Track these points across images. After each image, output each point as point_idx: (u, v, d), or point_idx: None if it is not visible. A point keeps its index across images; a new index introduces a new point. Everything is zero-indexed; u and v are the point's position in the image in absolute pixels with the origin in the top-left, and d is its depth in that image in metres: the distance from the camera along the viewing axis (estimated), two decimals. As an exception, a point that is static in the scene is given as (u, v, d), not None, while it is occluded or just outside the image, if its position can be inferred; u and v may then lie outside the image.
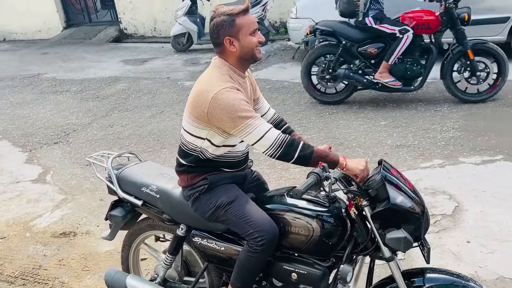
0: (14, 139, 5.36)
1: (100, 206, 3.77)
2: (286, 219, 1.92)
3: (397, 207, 1.72)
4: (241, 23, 1.85)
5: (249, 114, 1.81)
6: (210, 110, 1.80)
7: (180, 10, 8.47)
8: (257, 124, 1.81)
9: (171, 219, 2.20)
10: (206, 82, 1.88)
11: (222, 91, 1.80)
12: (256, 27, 1.89)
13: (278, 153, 1.82)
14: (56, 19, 11.79)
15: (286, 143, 1.82)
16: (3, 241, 3.44)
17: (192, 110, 1.89)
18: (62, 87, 7.24)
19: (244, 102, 1.82)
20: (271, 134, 1.82)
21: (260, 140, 1.82)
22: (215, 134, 1.90)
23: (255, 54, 1.90)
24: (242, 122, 1.79)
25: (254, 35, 1.88)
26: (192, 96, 1.90)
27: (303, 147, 1.83)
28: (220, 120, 1.82)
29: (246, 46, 1.87)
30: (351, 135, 4.53)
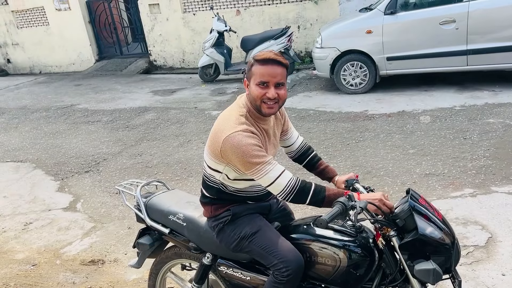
0: (47, 168, 5.53)
1: (128, 234, 3.82)
2: (312, 249, 1.91)
3: (426, 237, 1.69)
4: (254, 71, 1.85)
5: (260, 160, 1.79)
6: (222, 150, 1.83)
7: (207, 42, 8.69)
8: (268, 170, 1.80)
9: (197, 248, 2.21)
10: (223, 121, 1.88)
11: (234, 134, 1.79)
12: (267, 80, 1.82)
13: (290, 197, 1.82)
14: (89, 52, 12.28)
15: (298, 188, 1.81)
16: (34, 268, 3.52)
17: (209, 146, 1.92)
18: (93, 117, 7.47)
19: (256, 148, 1.80)
20: (282, 179, 1.81)
21: (272, 185, 1.82)
22: (231, 170, 1.91)
23: (259, 106, 1.86)
24: (253, 167, 1.80)
25: (262, 88, 1.83)
26: (211, 132, 1.93)
27: (315, 193, 1.82)
28: (231, 161, 1.85)
29: (251, 94, 1.87)
30: (379, 163, 4.48)
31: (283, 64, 1.85)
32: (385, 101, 6.41)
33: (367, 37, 6.61)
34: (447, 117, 5.51)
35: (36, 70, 13.22)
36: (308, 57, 9.47)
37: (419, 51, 6.41)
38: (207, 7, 10.13)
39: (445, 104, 5.98)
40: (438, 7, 6.31)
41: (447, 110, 5.75)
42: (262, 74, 1.82)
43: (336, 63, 6.92)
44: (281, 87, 1.86)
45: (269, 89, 1.83)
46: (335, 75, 7.00)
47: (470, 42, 6.10)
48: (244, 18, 9.93)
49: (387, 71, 6.73)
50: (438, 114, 5.63)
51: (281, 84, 1.86)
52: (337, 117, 6.02)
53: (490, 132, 4.90)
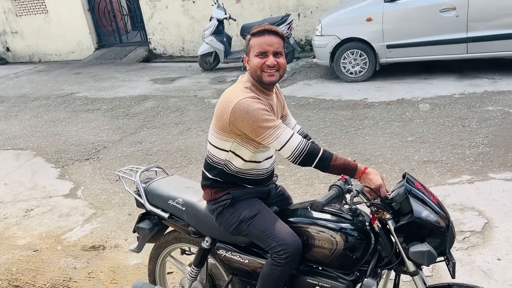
0: (47, 155, 5.56)
1: (128, 220, 3.85)
2: (310, 233, 1.94)
3: (421, 220, 1.71)
4: (251, 43, 1.91)
5: (269, 123, 1.83)
6: (232, 120, 1.85)
7: (207, 30, 8.66)
8: (279, 133, 1.84)
9: (196, 232, 2.24)
10: (228, 94, 1.93)
11: (242, 100, 1.84)
12: (265, 49, 1.88)
13: (299, 160, 1.86)
14: (89, 40, 12.23)
15: (307, 151, 1.85)
16: (36, 253, 3.56)
17: (216, 122, 1.94)
18: (93, 105, 7.48)
19: (265, 112, 1.85)
20: (293, 142, 1.86)
21: (283, 148, 1.85)
22: (239, 145, 1.94)
23: (260, 76, 1.91)
24: (264, 132, 1.82)
25: (261, 57, 1.88)
26: (216, 108, 1.96)
27: (323, 157, 1.86)
28: (242, 129, 1.86)
29: (251, 66, 1.91)
30: (377, 151, 4.51)
31: (278, 34, 1.92)
32: (385, 89, 6.41)
33: (367, 25, 6.59)
34: (446, 104, 5.52)
35: (35, 59, 13.18)
36: (308, 45, 9.44)
37: (419, 39, 6.39)
38: (207, -6, 10.07)
39: (444, 92, 5.98)
40: (439, -6, 6.28)
41: (446, 98, 5.75)
42: (260, 44, 1.88)
43: (336, 51, 6.91)
44: (280, 56, 1.92)
45: (268, 58, 1.88)
46: (335, 63, 6.99)
47: (470, 29, 6.09)
48: (244, 6, 9.88)
49: (387, 59, 6.72)
50: (438, 102, 5.64)
51: (279, 53, 1.91)
52: (336, 105, 6.03)
53: (488, 119, 4.91)
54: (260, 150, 1.98)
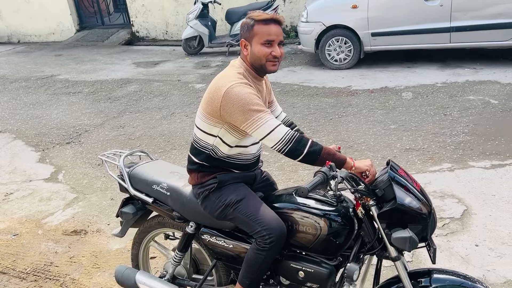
0: (27, 138, 5.45)
1: (111, 205, 3.82)
2: (294, 218, 1.95)
3: (404, 207, 1.74)
4: (257, 30, 1.88)
5: (260, 108, 1.83)
6: (223, 104, 1.84)
7: (191, 14, 8.54)
8: (267, 119, 1.83)
9: (180, 217, 2.23)
10: (220, 79, 1.92)
11: (234, 85, 1.83)
12: (273, 39, 1.87)
13: (287, 148, 1.82)
14: (70, 21, 11.95)
15: (295, 139, 1.82)
16: (16, 238, 3.51)
17: (206, 106, 1.93)
18: (74, 88, 7.34)
19: (255, 97, 1.85)
20: (281, 129, 1.84)
21: (270, 134, 1.82)
22: (226, 132, 1.94)
23: (265, 65, 1.91)
24: (252, 115, 1.81)
25: (268, 46, 1.88)
26: (206, 92, 1.95)
27: (312, 144, 1.84)
28: (231, 114, 1.84)
29: (255, 54, 1.90)
30: (360, 138, 4.55)
31: (281, 24, 1.94)
32: (369, 77, 6.45)
33: (353, 12, 6.59)
34: (429, 93, 5.59)
35: (14, 39, 12.82)
36: (293, 31, 9.40)
37: (404, 28, 6.43)
38: (192, -23, 9.91)
39: (427, 80, 6.05)
40: (424, -17, 6.31)
41: (429, 86, 5.82)
42: (268, 33, 1.88)
43: (321, 38, 6.90)
44: (281, 46, 1.94)
45: (274, 48, 1.89)
46: (320, 50, 6.99)
47: (453, 19, 6.14)
48: (229, -10, 9.74)
49: (371, 47, 6.75)
50: (420, 91, 5.70)
51: (281, 43, 1.94)
52: (321, 92, 6.05)
53: (469, 108, 4.99)
54: (246, 136, 1.97)
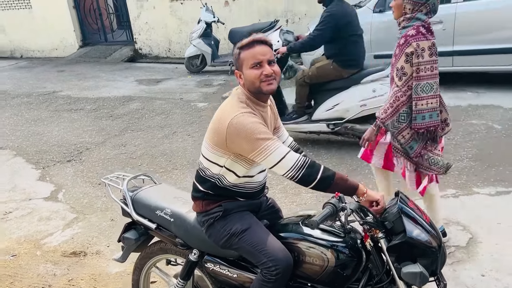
0: (28, 156, 5.42)
1: (111, 226, 3.77)
2: (300, 249, 1.91)
3: (414, 240, 1.71)
4: (243, 57, 1.88)
5: (267, 136, 1.80)
6: (228, 135, 1.81)
7: (195, 33, 8.60)
8: (276, 146, 1.80)
9: (184, 244, 2.20)
10: (223, 110, 1.90)
11: (238, 115, 1.81)
12: (259, 60, 1.85)
13: (299, 175, 1.78)
14: (73, 37, 12.04)
15: (307, 165, 1.79)
16: (14, 258, 3.45)
17: (212, 137, 1.90)
18: (76, 105, 7.34)
19: (260, 125, 1.82)
20: (291, 155, 1.80)
21: (280, 162, 1.79)
22: (233, 162, 1.91)
23: (260, 87, 1.87)
24: (260, 144, 1.78)
25: (257, 68, 1.85)
26: (211, 124, 1.93)
27: (325, 169, 1.81)
28: (238, 145, 1.82)
29: (248, 79, 1.88)
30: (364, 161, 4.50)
31: (267, 43, 1.91)
32: (371, 99, 6.44)
33: (355, 34, 6.61)
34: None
35: (17, 54, 12.90)
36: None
37: (406, 50, 6.44)
38: (195, -4, 10.02)
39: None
40: (426, 7, 6.36)
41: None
42: (253, 55, 1.86)
43: (323, 59, 6.91)
44: (273, 64, 1.90)
45: (264, 67, 1.86)
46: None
47: (456, 43, 6.16)
48: (233, 9, 9.85)
49: (373, 69, 6.75)
50: (423, 114, 5.68)
51: (272, 61, 1.90)
52: (323, 113, 6.02)
53: (473, 133, 4.98)
54: (254, 165, 1.94)
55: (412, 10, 2.61)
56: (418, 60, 2.55)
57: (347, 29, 4.41)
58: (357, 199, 1.83)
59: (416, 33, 2.57)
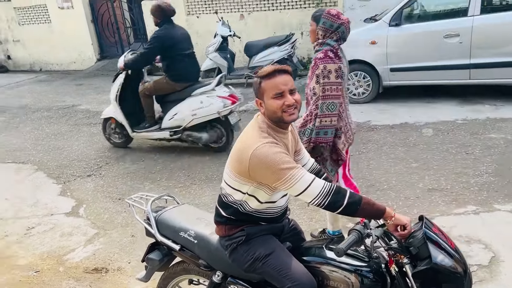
0: (49, 170, 5.52)
1: (132, 242, 3.82)
2: (324, 273, 1.93)
3: (439, 266, 1.71)
4: (264, 87, 1.89)
5: (291, 165, 1.82)
6: (251, 166, 1.83)
7: (211, 46, 8.69)
8: (301, 175, 1.81)
9: (207, 265, 2.22)
10: (245, 140, 1.92)
11: (260, 146, 1.82)
12: (281, 90, 1.87)
13: (326, 202, 1.79)
14: (91, 51, 12.25)
15: (333, 191, 1.80)
16: (37, 274, 3.51)
17: (234, 165, 1.93)
18: (95, 119, 7.45)
19: (283, 155, 1.84)
20: (317, 183, 1.81)
21: (306, 190, 1.80)
22: (256, 189, 1.93)
23: (281, 117, 1.89)
24: (284, 174, 1.80)
25: (279, 99, 1.87)
26: (233, 153, 1.95)
27: (351, 194, 1.81)
28: (261, 175, 1.84)
29: (269, 109, 1.89)
30: (382, 176, 4.51)
31: (288, 72, 1.92)
32: (388, 112, 6.44)
33: (371, 48, 6.64)
34: (449, 130, 5.55)
35: (36, 67, 13.17)
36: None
37: (423, 63, 6.44)
38: (211, 10, 10.13)
39: (447, 117, 6.01)
40: (443, 21, 6.36)
41: (449, 123, 5.78)
42: (275, 85, 1.87)
43: (339, 72, 6.93)
44: (294, 92, 1.92)
45: (286, 97, 1.88)
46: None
47: (473, 56, 6.14)
48: (248, 23, 9.94)
49: (390, 82, 6.76)
50: (441, 127, 5.66)
51: (294, 90, 1.91)
52: (339, 127, 6.03)
53: (492, 147, 4.93)
54: (276, 191, 1.96)
55: (323, 36, 2.88)
56: (324, 81, 2.79)
57: (172, 49, 5.15)
58: (384, 222, 1.84)
59: (324, 56, 2.81)
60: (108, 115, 5.81)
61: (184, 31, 5.43)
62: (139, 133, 5.66)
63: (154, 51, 5.22)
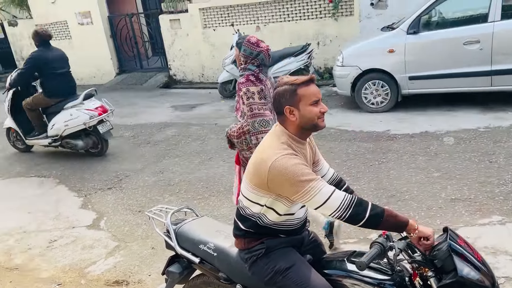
0: (70, 183, 5.60)
1: (152, 254, 3.83)
2: (346, 286, 1.89)
3: (465, 280, 1.66)
4: (302, 94, 1.89)
5: (310, 177, 1.80)
6: (270, 178, 1.82)
7: (228, 59, 8.76)
8: (320, 186, 1.79)
9: (227, 278, 2.21)
10: (264, 151, 1.91)
11: (279, 158, 1.81)
12: (318, 98, 1.91)
13: (347, 214, 1.76)
14: (110, 65, 12.47)
15: (354, 203, 1.77)
16: (60, 287, 3.54)
17: (252, 178, 1.92)
18: (115, 132, 7.50)
19: (303, 166, 1.82)
20: (337, 194, 1.79)
21: (326, 203, 1.77)
22: (275, 201, 1.91)
23: (317, 124, 1.92)
24: (304, 186, 1.78)
25: (315, 106, 1.90)
26: (251, 165, 1.94)
27: (374, 207, 1.78)
28: (280, 187, 1.83)
29: (306, 115, 1.90)
30: (403, 186, 4.44)
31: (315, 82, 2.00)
32: (407, 121, 6.36)
33: (389, 56, 6.58)
34: (471, 139, 5.44)
35: (58, 83, 13.45)
36: (327, 73, 9.48)
37: (442, 71, 6.36)
38: (227, 23, 10.23)
39: (468, 125, 5.90)
40: (462, 27, 6.27)
41: (471, 131, 5.67)
42: (313, 93, 1.92)
43: (357, 82, 6.90)
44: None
45: (321, 105, 1.93)
46: (356, 93, 6.98)
47: (494, 62, 6.03)
48: (264, 34, 9.98)
49: (409, 90, 6.69)
50: (462, 136, 5.56)
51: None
52: (359, 137, 5.99)
53: (516, 155, 4.82)
54: (295, 203, 1.94)
55: (245, 62, 3.11)
56: (249, 101, 3.00)
57: (46, 68, 5.99)
58: (407, 234, 1.80)
59: (245, 80, 3.04)
60: (8, 125, 6.81)
61: (59, 52, 6.32)
62: (31, 140, 6.63)
63: (29, 70, 6.06)
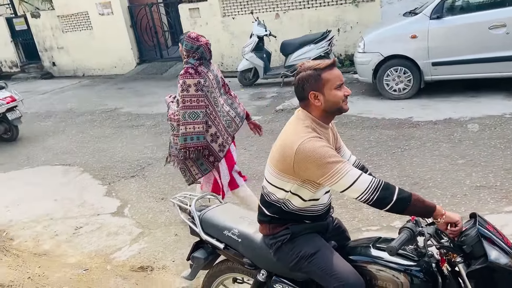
0: (94, 172, 5.70)
1: (175, 241, 3.88)
2: (372, 272, 1.89)
3: (495, 265, 1.64)
4: (326, 78, 1.87)
5: (337, 159, 1.79)
6: (296, 161, 1.82)
7: (247, 47, 8.72)
8: (348, 169, 1.78)
9: (251, 264, 2.23)
10: (289, 135, 1.90)
11: (305, 141, 1.81)
12: (342, 81, 1.90)
13: (374, 197, 1.75)
14: (131, 55, 12.58)
15: (382, 187, 1.76)
16: (86, 272, 3.63)
17: (277, 163, 1.91)
18: (137, 121, 7.64)
19: (329, 149, 1.82)
20: (364, 178, 1.78)
21: (353, 185, 1.76)
22: (300, 187, 1.91)
23: (341, 107, 1.92)
24: (331, 168, 1.77)
25: (340, 89, 1.89)
26: (276, 150, 1.94)
27: (401, 191, 1.77)
28: (307, 170, 1.82)
29: (331, 100, 1.89)
30: (427, 174, 4.38)
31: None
32: (431, 108, 6.25)
33: (412, 42, 6.46)
34: (497, 125, 5.32)
35: (79, 73, 13.65)
36: (348, 60, 9.37)
37: (467, 56, 6.21)
38: (246, 11, 10.18)
39: (493, 111, 5.76)
40: (487, 11, 6.11)
41: (496, 118, 5.54)
42: (337, 76, 1.90)
43: (378, 68, 6.80)
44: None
45: (344, 88, 1.92)
46: (378, 80, 6.89)
47: (521, 47, 5.87)
48: (283, 22, 9.91)
49: (432, 77, 6.56)
50: (487, 122, 5.44)
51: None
52: (380, 124, 5.92)
53: (544, 142, 4.70)
54: (320, 189, 1.94)
55: (187, 56, 3.30)
56: (183, 93, 3.18)
57: None
58: (434, 220, 1.78)
59: (184, 72, 3.21)
60: None
61: None
62: None
63: None
